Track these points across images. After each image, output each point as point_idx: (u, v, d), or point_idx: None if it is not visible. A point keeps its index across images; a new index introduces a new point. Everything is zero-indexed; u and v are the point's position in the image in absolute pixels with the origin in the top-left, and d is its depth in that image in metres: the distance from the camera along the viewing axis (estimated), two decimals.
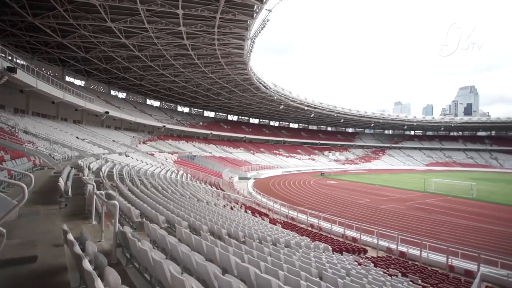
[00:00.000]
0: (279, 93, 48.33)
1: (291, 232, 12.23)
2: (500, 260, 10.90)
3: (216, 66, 33.95)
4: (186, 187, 18.77)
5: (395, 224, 17.58)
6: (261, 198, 23.38)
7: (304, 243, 9.90)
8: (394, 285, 6.18)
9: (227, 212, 13.07)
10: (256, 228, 10.35)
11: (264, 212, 18.60)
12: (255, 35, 26.95)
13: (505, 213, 21.34)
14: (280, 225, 13.80)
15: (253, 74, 38.12)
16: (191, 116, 60.75)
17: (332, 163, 65.61)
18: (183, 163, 33.95)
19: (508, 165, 68.34)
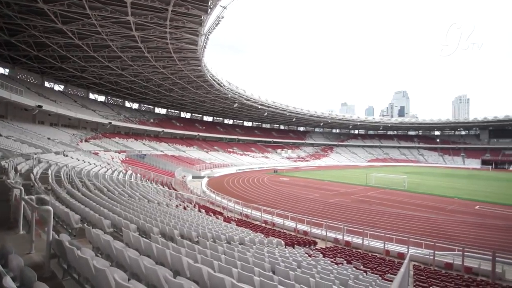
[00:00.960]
0: (233, 91, 48.31)
1: (246, 229, 12.37)
2: (424, 242, 12.59)
3: (168, 61, 32.45)
4: (136, 187, 17.65)
5: (341, 216, 18.97)
6: (215, 196, 23.16)
7: (258, 239, 10.10)
8: (340, 272, 6.67)
9: (180, 212, 12.65)
10: (210, 227, 10.23)
11: (219, 211, 18.47)
12: (209, 31, 26.45)
13: (429, 201, 24.59)
14: (235, 223, 13.85)
15: (207, 71, 37.40)
16: (141, 112, 57.19)
17: (284, 160, 67.98)
18: (132, 162, 31.80)
19: (431, 160, 78.86)
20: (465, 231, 16.26)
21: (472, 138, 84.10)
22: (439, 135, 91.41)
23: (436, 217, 19.21)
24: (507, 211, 21.28)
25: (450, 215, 19.93)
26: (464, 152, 78.53)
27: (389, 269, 8.98)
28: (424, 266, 11.05)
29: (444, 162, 76.92)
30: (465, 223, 17.81)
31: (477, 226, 17.29)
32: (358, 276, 6.74)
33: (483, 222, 18.06)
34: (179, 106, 61.21)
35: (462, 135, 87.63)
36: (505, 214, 20.37)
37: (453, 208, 22.19)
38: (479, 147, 78.23)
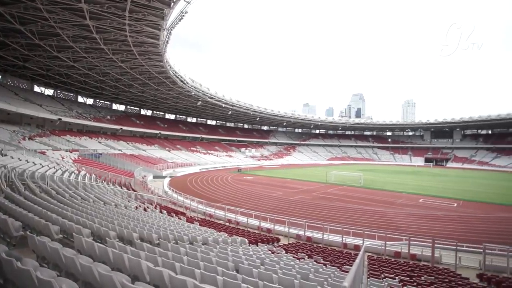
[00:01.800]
0: (196, 89, 47.25)
1: (209, 229, 12.22)
2: (377, 234, 13.62)
3: (127, 55, 30.61)
4: (90, 189, 16.39)
5: (303, 213, 19.66)
6: (178, 196, 22.50)
7: (222, 238, 10.04)
8: (301, 267, 6.92)
9: (140, 214, 12.06)
10: (172, 228, 9.91)
11: (181, 211, 17.97)
12: (172, 26, 25.51)
13: (382, 196, 26.64)
14: (198, 223, 13.60)
15: (169, 67, 36.06)
16: (96, 108, 53.13)
17: (248, 159, 68.41)
18: (85, 162, 29.44)
19: (384, 158, 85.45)
20: (411, 222, 17.92)
21: (417, 138, 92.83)
22: (390, 135, 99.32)
23: (387, 210, 20.88)
24: (445, 203, 23.92)
25: (399, 208, 21.80)
26: (411, 151, 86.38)
27: (346, 260, 9.54)
28: (377, 256, 11.96)
29: (394, 160, 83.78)
30: (411, 215, 19.62)
31: (420, 217, 19.16)
32: (318, 269, 7.06)
33: (426, 214, 20.08)
34: (139, 102, 58.12)
35: (410, 135, 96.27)
36: (443, 206, 22.87)
37: (401, 202, 24.30)
38: (423, 147, 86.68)
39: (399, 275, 7.97)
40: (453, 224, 17.69)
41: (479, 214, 20.16)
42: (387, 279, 7.24)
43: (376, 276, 7.65)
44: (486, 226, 17.41)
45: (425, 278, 7.99)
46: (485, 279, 9.39)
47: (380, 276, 7.66)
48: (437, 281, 7.82)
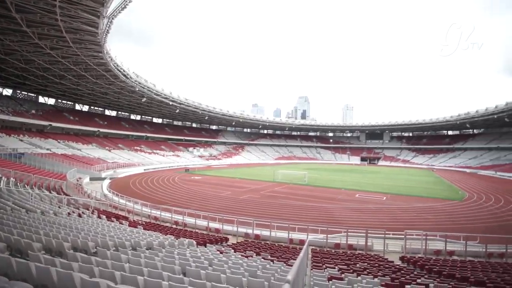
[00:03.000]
0: (141, 84, 44.29)
1: (154, 232, 11.60)
2: (320, 228, 14.62)
3: (58, 41, 27.05)
4: (7, 195, 14.06)
5: (252, 211, 20.00)
6: (119, 199, 20.82)
7: (168, 241, 9.63)
8: (249, 265, 7.04)
9: (73, 221, 10.82)
10: (113, 234, 9.14)
11: (123, 215, 16.68)
12: (114, 14, 23.50)
13: (324, 193, 28.66)
14: (142, 227, 12.79)
15: (110, 59, 33.06)
16: (17, 101, 45.75)
17: (196, 159, 66.82)
18: (2, 163, 25.16)
19: (326, 157, 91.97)
20: (349, 215, 19.68)
21: (355, 139, 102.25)
22: (332, 136, 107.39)
23: (329, 206, 22.55)
24: (376, 197, 26.86)
25: (338, 203, 23.73)
26: (349, 151, 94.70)
27: (292, 255, 10.02)
28: (320, 248, 12.83)
29: (335, 159, 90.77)
30: (349, 209, 21.54)
31: (356, 210, 21.17)
32: (265, 265, 7.27)
33: (361, 207, 22.27)
34: (74, 96, 51.89)
35: (348, 136, 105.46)
36: (375, 199, 25.65)
37: (341, 197, 26.49)
38: (359, 147, 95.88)
39: (339, 265, 8.68)
40: (382, 215, 19.97)
41: (402, 206, 23.14)
42: (328, 269, 7.83)
43: (318, 267, 8.21)
44: (407, 215, 20.07)
45: (360, 265, 8.87)
46: (406, 260, 10.86)
47: (322, 267, 8.25)
48: (369, 266, 8.75)
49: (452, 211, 21.80)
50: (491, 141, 69.84)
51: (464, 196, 28.29)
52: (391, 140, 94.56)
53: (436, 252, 12.54)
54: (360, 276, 6.86)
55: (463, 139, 78.56)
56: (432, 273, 8.50)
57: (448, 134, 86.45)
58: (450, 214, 20.62)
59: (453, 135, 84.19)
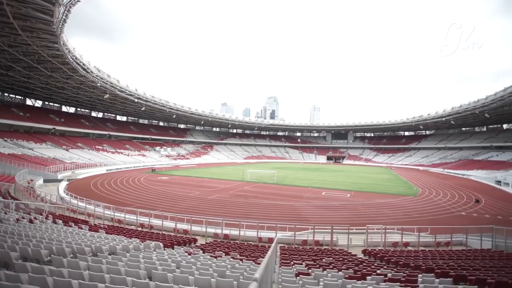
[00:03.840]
0: (103, 80, 41.67)
1: (118, 236, 11.01)
2: (288, 226, 14.96)
3: (4, 28, 24.44)
4: None
5: (221, 211, 19.85)
6: (79, 202, 19.41)
7: (133, 245, 9.21)
8: (218, 265, 6.99)
9: (23, 228, 9.87)
10: (70, 240, 8.50)
11: (83, 219, 15.59)
12: (72, 2, 21.80)
13: (292, 191, 29.36)
14: (104, 231, 12.07)
15: (67, 51, 30.64)
16: None
17: (164, 158, 64.66)
18: None
19: (294, 157, 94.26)
20: (316, 213, 20.39)
21: (321, 139, 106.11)
22: (300, 136, 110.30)
23: (297, 204, 23.15)
24: (341, 194, 28.16)
25: (306, 201, 24.47)
26: (316, 150, 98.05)
27: (261, 253, 10.14)
28: (288, 245, 13.12)
29: (303, 158, 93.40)
30: (315, 207, 22.31)
31: (323, 208, 22.01)
32: (234, 265, 7.26)
33: (327, 204, 23.19)
34: (24, 90, 47.15)
35: (315, 136, 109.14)
36: (340, 197, 26.87)
37: (308, 195, 27.33)
38: (325, 146, 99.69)
39: (306, 261, 8.96)
40: (346, 211, 20.99)
41: (364, 202, 24.53)
42: (296, 265, 8.05)
43: (286, 264, 8.40)
44: (369, 211, 21.32)
45: (326, 260, 9.23)
46: (367, 253, 11.54)
47: (290, 264, 8.45)
48: (335, 260, 9.15)
49: (408, 205, 23.60)
50: (440, 142, 76.76)
51: (417, 192, 30.77)
52: (354, 140, 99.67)
53: (394, 244, 13.49)
54: (326, 270, 7.14)
55: (417, 139, 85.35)
56: (390, 264, 9.14)
57: (405, 135, 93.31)
58: (406, 209, 22.31)
59: (409, 136, 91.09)
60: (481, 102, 47.75)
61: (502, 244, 11.76)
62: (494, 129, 67.77)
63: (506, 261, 9.01)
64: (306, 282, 5.66)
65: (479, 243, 12.67)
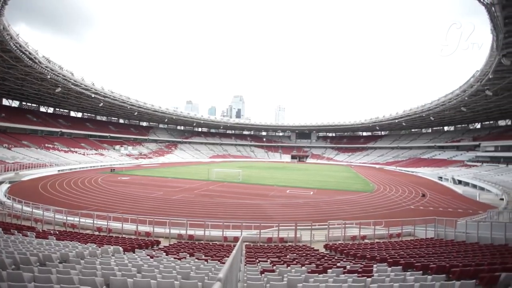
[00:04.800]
0: (54, 71, 38.07)
1: (72, 242, 10.17)
2: (253, 224, 15.11)
3: None
4: None
5: (185, 211, 19.37)
6: (24, 207, 17.52)
7: (89, 251, 8.58)
8: (182, 267, 6.82)
9: None
10: (12, 249, 7.65)
11: (28, 226, 14.13)
12: None
13: (258, 190, 29.68)
14: (55, 237, 11.07)
15: (9, 38, 27.46)
16: None
17: (124, 158, 61.20)
18: None
19: (259, 156, 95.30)
20: (280, 210, 20.86)
21: (286, 138, 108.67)
22: (265, 135, 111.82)
23: (262, 202, 23.46)
24: (304, 192, 29.16)
25: (271, 199, 24.90)
26: (281, 149, 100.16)
27: (227, 253, 10.10)
28: (253, 244, 13.25)
29: (268, 157, 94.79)
30: (280, 205, 22.82)
31: (287, 206, 22.59)
32: (199, 266, 7.15)
33: (291, 202, 23.85)
34: None
35: (280, 135, 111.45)
36: (303, 194, 27.81)
37: (273, 194, 27.84)
38: (290, 145, 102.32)
39: (271, 258, 9.13)
40: (309, 208, 21.79)
41: (326, 199, 25.69)
42: (261, 263, 8.16)
43: (252, 262, 8.48)
44: (330, 207, 22.38)
45: (290, 256, 9.50)
46: (328, 247, 12.12)
47: (256, 262, 8.55)
48: (298, 256, 9.46)
49: (365, 201, 25.23)
50: (393, 142, 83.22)
51: (374, 188, 33.04)
52: (317, 139, 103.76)
53: (353, 237, 14.34)
54: (290, 266, 7.36)
55: (374, 139, 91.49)
56: (349, 256, 9.71)
57: (363, 135, 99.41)
58: (363, 204, 23.83)
59: (367, 136, 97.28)
60: (427, 106, 52.66)
61: (442, 233, 13.14)
62: (437, 130, 75.29)
63: (445, 247, 10.10)
64: (271, 278, 5.78)
65: (424, 233, 14.02)
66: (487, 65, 26.35)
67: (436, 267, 6.42)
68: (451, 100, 42.91)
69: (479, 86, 32.42)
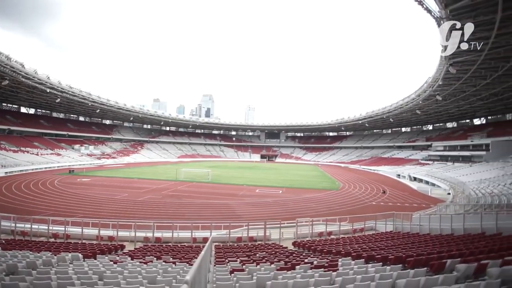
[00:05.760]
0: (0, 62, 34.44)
1: (21, 251, 9.28)
2: (223, 224, 15.02)
3: None
4: None
5: (152, 213, 18.66)
6: None
7: (42, 260, 7.91)
8: (148, 271, 6.57)
9: None
10: None
11: None
12: None
13: (227, 190, 29.54)
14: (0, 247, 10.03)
15: None
16: None
17: (85, 158, 57.28)
18: None
19: (229, 155, 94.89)
20: (250, 210, 20.97)
21: (255, 138, 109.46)
22: (235, 135, 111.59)
23: (231, 202, 23.40)
24: (274, 191, 29.63)
25: (241, 199, 24.93)
26: (251, 149, 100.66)
27: (196, 254, 9.92)
28: (223, 244, 13.17)
29: (238, 157, 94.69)
30: (250, 204, 22.94)
31: (257, 205, 22.79)
32: (167, 269, 6.95)
33: (260, 201, 24.09)
34: None
35: (250, 135, 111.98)
36: (272, 193, 28.24)
37: (243, 193, 27.90)
38: (259, 145, 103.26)
39: (240, 257, 9.15)
40: (278, 207, 22.20)
41: (294, 197, 26.35)
42: (230, 263, 8.14)
43: (221, 263, 8.43)
44: (298, 205, 23.00)
45: (259, 255, 9.60)
46: (297, 244, 12.46)
47: (225, 262, 8.51)
48: (268, 254, 9.59)
49: (331, 199, 26.32)
50: (357, 141, 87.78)
51: (339, 186, 34.58)
52: (286, 139, 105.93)
53: (320, 234, 14.88)
54: (259, 264, 7.44)
55: (339, 139, 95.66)
56: (316, 252, 10.07)
57: (329, 135, 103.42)
58: (329, 202, 24.85)
59: (333, 136, 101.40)
60: (387, 108, 56.34)
61: (400, 226, 14.19)
62: (396, 131, 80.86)
63: (402, 239, 10.92)
64: (240, 278, 5.80)
65: (384, 227, 15.01)
66: (438, 72, 28.87)
67: (394, 258, 6.91)
68: (408, 104, 46.34)
69: (431, 91, 35.42)
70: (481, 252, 6.61)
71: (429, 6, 17.20)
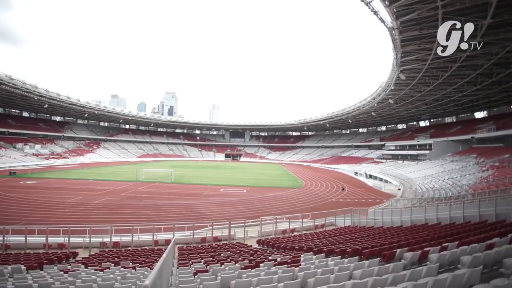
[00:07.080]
0: None
1: None
2: (186, 225, 14.70)
3: None
4: None
5: (110, 217, 17.55)
6: None
7: None
8: (105, 279, 6.19)
9: None
10: None
11: None
12: None
13: (191, 190, 28.89)
14: None
15: None
16: None
17: (30, 158, 51.77)
18: None
19: (193, 155, 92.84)
20: (214, 209, 20.76)
21: (220, 137, 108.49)
22: (199, 134, 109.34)
23: (195, 202, 22.94)
24: (238, 190, 29.68)
25: (204, 198, 24.56)
26: (215, 148, 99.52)
27: (157, 257, 9.56)
28: (187, 245, 12.87)
29: (202, 156, 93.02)
30: (214, 204, 22.71)
31: (221, 204, 22.64)
32: (126, 275, 6.60)
33: (225, 201, 23.98)
34: None
35: (214, 134, 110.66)
36: (237, 193, 28.27)
37: (206, 193, 27.51)
38: (224, 144, 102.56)
39: (204, 258, 9.03)
40: (243, 206, 22.30)
41: (258, 196, 26.68)
42: (194, 264, 8.00)
43: (184, 265, 8.24)
44: (262, 204, 23.34)
45: (224, 254, 9.57)
46: (261, 242, 12.65)
47: (189, 263, 8.34)
48: (232, 254, 9.60)
49: (294, 197, 27.14)
50: (319, 141, 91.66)
51: (302, 184, 35.79)
52: (251, 138, 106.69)
53: (283, 231, 15.28)
54: (223, 264, 7.42)
55: (302, 139, 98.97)
56: (280, 249, 10.33)
57: (293, 135, 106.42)
58: (292, 200, 25.60)
59: (296, 136, 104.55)
60: (346, 110, 59.70)
61: (357, 220, 15.18)
62: (354, 132, 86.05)
63: (359, 233, 11.70)
64: (204, 279, 5.74)
65: (343, 222, 15.92)
66: (390, 78, 31.35)
67: (352, 251, 7.38)
68: (364, 106, 49.59)
69: (384, 95, 38.36)
70: (425, 241, 7.37)
71: (382, 17, 18.57)
